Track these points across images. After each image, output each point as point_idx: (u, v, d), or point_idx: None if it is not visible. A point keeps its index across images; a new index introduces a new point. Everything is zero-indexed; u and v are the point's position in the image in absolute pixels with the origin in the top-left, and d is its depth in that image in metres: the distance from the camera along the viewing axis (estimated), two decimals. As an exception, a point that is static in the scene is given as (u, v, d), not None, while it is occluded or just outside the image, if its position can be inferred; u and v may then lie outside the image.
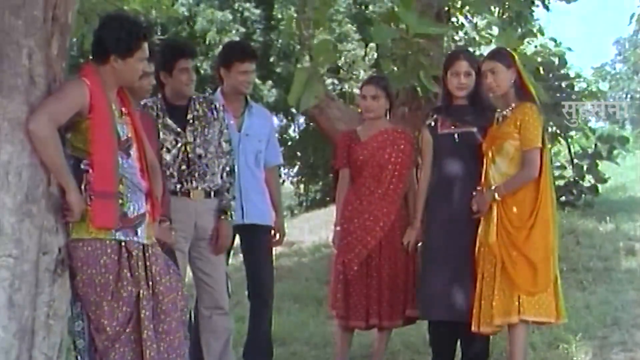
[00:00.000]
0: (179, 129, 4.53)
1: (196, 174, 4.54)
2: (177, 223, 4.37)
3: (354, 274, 4.86)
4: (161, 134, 4.51)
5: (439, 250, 4.67)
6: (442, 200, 4.72)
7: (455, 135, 4.72)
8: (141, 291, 3.32)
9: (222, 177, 4.63)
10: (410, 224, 4.90)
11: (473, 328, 4.46)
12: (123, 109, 3.46)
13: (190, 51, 4.79)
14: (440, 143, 4.76)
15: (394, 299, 4.86)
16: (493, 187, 4.47)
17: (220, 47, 16.38)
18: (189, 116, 4.59)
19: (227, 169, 4.66)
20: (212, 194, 4.59)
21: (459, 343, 4.79)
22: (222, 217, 4.59)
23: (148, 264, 3.37)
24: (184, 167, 4.53)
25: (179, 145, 4.52)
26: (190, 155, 4.51)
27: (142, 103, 4.45)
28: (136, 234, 3.37)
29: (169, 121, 4.55)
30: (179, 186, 4.52)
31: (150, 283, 3.36)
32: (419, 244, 4.89)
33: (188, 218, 4.50)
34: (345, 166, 5.04)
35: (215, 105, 4.70)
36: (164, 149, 4.49)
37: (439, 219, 4.72)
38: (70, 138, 3.33)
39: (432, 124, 4.80)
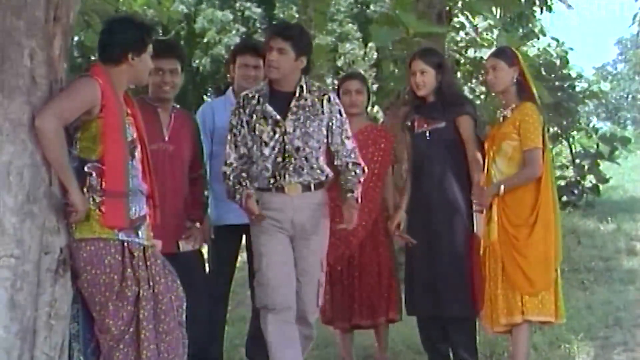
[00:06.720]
0: (278, 117, 4.19)
1: (291, 167, 4.19)
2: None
3: (336, 274, 4.84)
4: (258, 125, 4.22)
5: (421, 247, 4.70)
6: (420, 198, 4.74)
7: (427, 133, 4.75)
8: (141, 291, 3.33)
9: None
10: (392, 215, 4.90)
11: (486, 329, 4.52)
12: (128, 110, 3.48)
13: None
14: (415, 142, 4.81)
15: (376, 298, 4.85)
16: (497, 181, 4.49)
17: (220, 46, 16.56)
18: (293, 104, 4.23)
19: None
20: (313, 187, 4.23)
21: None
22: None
23: (148, 264, 3.38)
24: (279, 159, 4.20)
25: (277, 135, 4.19)
26: (287, 147, 4.18)
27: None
28: (137, 235, 3.38)
29: (269, 108, 4.22)
30: (272, 180, 4.20)
31: (151, 283, 3.36)
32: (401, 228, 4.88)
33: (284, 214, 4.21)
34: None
35: (330, 97, 4.31)
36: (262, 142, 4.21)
37: (419, 217, 4.75)
38: (79, 137, 3.34)
39: (409, 124, 4.87)
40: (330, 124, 4.27)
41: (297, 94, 4.22)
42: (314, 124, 4.22)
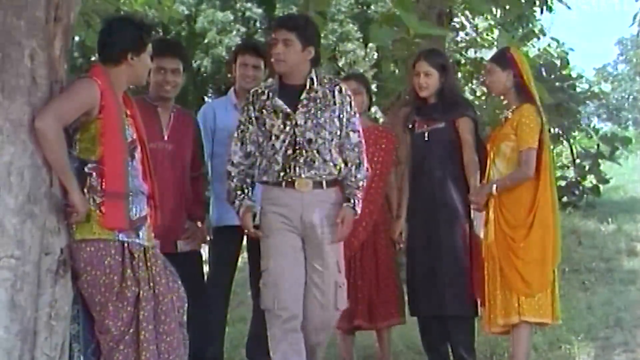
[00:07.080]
0: (288, 110, 4.10)
1: (301, 160, 4.07)
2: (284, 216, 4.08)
3: None
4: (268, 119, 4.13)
5: (421, 247, 4.71)
6: (420, 198, 4.76)
7: (426, 134, 4.76)
8: (141, 292, 3.32)
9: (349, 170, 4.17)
10: (394, 220, 4.92)
11: (485, 328, 4.55)
12: (127, 111, 3.48)
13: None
14: (414, 143, 4.84)
15: (378, 300, 4.84)
16: (492, 181, 4.51)
17: (221, 47, 16.54)
18: (304, 96, 4.12)
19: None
20: (325, 184, 4.12)
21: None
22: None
23: (149, 264, 3.38)
24: (290, 151, 4.10)
25: (288, 128, 4.09)
26: (298, 139, 4.08)
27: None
28: (137, 235, 3.38)
29: (279, 102, 4.12)
30: (282, 174, 4.10)
31: (151, 284, 3.36)
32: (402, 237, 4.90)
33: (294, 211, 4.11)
34: None
35: (342, 88, 4.20)
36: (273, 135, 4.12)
37: (419, 217, 4.76)
38: (79, 138, 3.34)
39: (410, 125, 4.89)
40: (341, 115, 4.17)
41: (307, 86, 4.13)
42: (326, 115, 4.12)
